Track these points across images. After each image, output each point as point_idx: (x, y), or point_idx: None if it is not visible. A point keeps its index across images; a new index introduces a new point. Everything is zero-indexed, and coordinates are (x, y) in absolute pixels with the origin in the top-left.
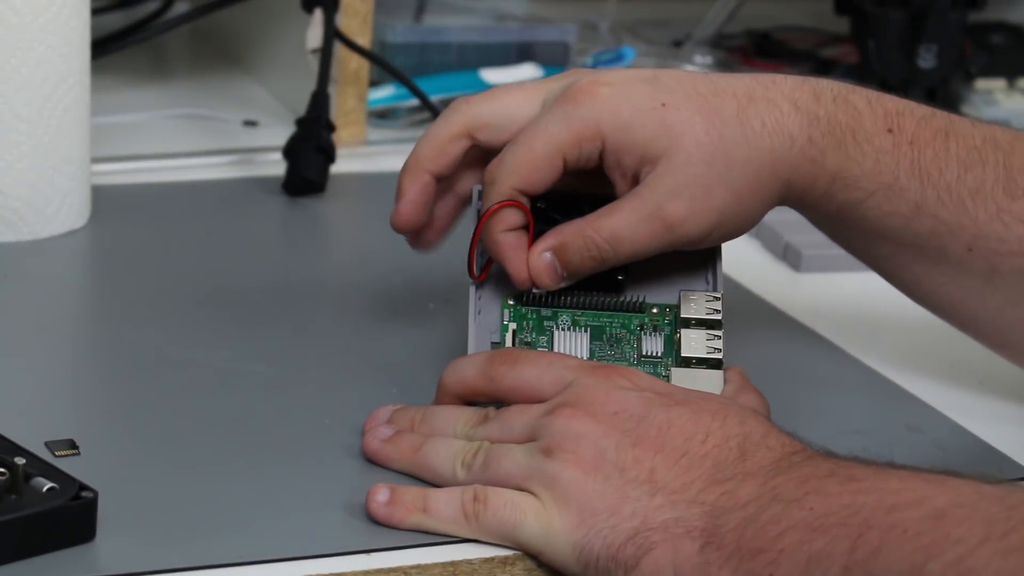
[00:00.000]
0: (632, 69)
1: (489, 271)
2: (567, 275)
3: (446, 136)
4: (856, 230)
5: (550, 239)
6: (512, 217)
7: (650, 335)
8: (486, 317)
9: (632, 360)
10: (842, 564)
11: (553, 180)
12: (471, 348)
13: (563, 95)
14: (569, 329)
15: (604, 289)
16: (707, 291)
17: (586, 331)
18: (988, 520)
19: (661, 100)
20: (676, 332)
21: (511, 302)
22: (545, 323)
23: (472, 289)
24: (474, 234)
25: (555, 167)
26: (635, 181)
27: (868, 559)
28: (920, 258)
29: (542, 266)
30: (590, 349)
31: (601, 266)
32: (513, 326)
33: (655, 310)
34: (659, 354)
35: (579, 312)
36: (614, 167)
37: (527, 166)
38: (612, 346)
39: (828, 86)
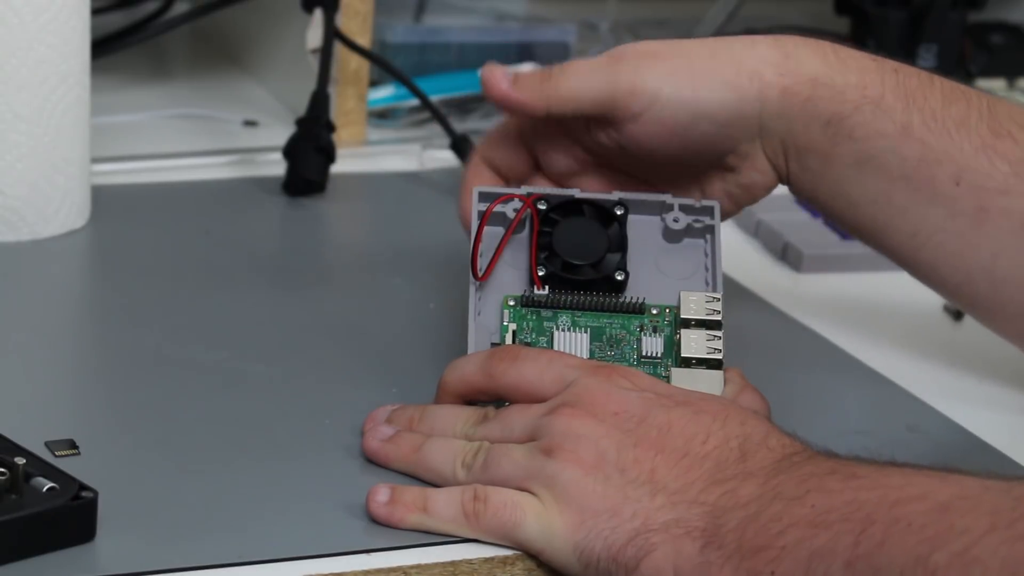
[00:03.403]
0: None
1: (492, 271)
2: (517, 90)
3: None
4: (847, 159)
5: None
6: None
7: (650, 336)
8: (486, 317)
9: (632, 361)
10: (845, 559)
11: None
12: (471, 348)
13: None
14: (569, 330)
15: (604, 290)
16: (706, 292)
17: (586, 332)
18: (994, 510)
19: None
20: (676, 333)
21: (511, 303)
22: (545, 324)
23: (472, 289)
24: (476, 235)
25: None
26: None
27: (872, 553)
28: (912, 193)
29: (496, 75)
30: (590, 350)
31: (546, 93)
32: (513, 327)
33: (655, 311)
34: (659, 355)
35: (579, 313)
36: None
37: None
38: (612, 347)
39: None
